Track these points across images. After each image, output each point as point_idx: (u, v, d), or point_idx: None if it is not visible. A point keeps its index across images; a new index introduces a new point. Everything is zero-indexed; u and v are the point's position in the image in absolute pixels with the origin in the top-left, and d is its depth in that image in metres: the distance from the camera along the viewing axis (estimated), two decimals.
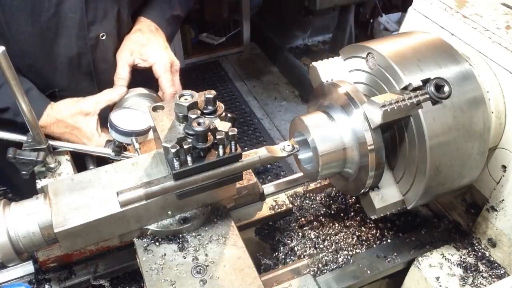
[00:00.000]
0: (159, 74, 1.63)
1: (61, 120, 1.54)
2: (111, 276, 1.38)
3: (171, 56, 1.70)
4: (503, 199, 1.29)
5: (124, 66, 1.66)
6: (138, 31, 1.74)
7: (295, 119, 1.24)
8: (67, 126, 1.55)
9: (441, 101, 1.09)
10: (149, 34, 1.73)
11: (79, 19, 1.57)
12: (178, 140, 1.04)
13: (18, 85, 1.11)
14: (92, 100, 1.58)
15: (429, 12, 1.40)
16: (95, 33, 1.62)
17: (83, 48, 1.64)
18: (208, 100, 1.10)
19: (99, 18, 1.62)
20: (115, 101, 1.59)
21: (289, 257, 1.43)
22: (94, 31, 1.62)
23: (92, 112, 1.56)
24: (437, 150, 1.09)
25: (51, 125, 1.55)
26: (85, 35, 1.60)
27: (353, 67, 1.26)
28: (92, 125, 1.56)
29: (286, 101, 4.78)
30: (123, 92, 1.60)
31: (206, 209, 1.18)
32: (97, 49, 1.67)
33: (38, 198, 1.13)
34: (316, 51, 5.03)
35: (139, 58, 1.66)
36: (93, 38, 1.63)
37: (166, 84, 1.63)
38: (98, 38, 1.64)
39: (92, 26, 1.61)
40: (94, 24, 1.61)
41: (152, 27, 1.78)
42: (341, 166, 1.22)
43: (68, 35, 1.59)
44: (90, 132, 1.55)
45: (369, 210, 1.23)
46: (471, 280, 1.31)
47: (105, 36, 1.65)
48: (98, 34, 1.63)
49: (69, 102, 1.58)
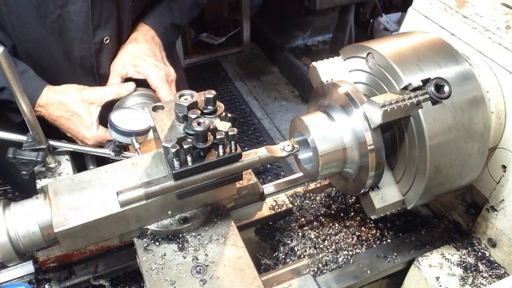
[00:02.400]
0: (155, 85, 1.63)
1: (63, 104, 1.54)
2: (111, 276, 1.39)
3: (166, 67, 1.69)
4: (503, 199, 1.29)
5: (115, 77, 1.67)
6: (133, 41, 1.73)
7: (295, 119, 1.24)
8: (67, 110, 1.55)
9: (441, 101, 1.09)
10: (144, 44, 1.72)
11: (84, 23, 1.57)
12: (178, 140, 1.04)
13: (18, 85, 1.11)
14: (100, 91, 1.58)
15: (429, 12, 1.40)
16: (100, 37, 1.63)
17: (87, 51, 1.64)
18: (208, 100, 1.10)
19: (103, 22, 1.62)
20: (122, 96, 1.59)
21: (289, 257, 1.43)
22: (99, 35, 1.62)
23: (97, 102, 1.56)
24: (437, 150, 1.09)
25: (50, 105, 1.54)
26: (90, 39, 1.60)
27: (353, 67, 1.26)
28: (94, 115, 1.56)
29: (286, 101, 4.78)
30: (132, 88, 1.60)
31: (206, 209, 1.18)
32: (101, 53, 1.67)
33: (38, 198, 1.13)
34: (316, 51, 5.03)
35: (133, 70, 1.66)
36: (98, 42, 1.63)
37: (164, 94, 1.63)
38: (102, 42, 1.64)
39: (97, 30, 1.61)
40: (99, 29, 1.61)
41: (148, 36, 1.77)
42: (341, 166, 1.22)
43: (72, 38, 1.59)
44: (90, 122, 1.56)
45: (369, 210, 1.23)
46: (471, 280, 1.31)
47: (109, 40, 1.65)
48: (102, 38, 1.63)
49: (75, 87, 1.59)
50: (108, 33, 1.64)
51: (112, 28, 1.66)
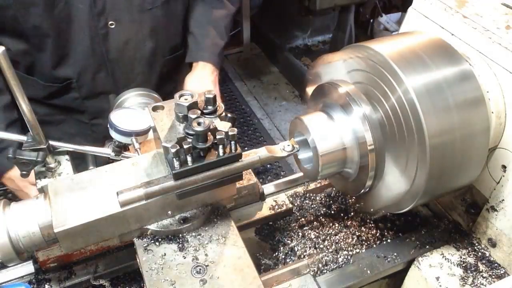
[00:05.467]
0: None
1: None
2: (111, 276, 1.38)
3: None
4: (503, 199, 1.29)
5: None
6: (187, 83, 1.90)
7: (295, 119, 1.24)
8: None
9: None
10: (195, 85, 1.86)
11: (88, 9, 1.65)
12: (178, 140, 1.04)
13: (18, 85, 1.11)
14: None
15: (429, 12, 1.40)
16: (104, 22, 1.70)
17: (95, 37, 1.71)
18: (208, 100, 1.10)
19: (108, 8, 1.68)
20: None
21: (289, 257, 1.43)
22: (103, 20, 1.69)
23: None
24: (437, 150, 1.09)
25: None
26: (96, 25, 1.68)
27: (353, 67, 1.26)
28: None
29: (286, 101, 4.77)
30: None
31: (206, 209, 1.18)
32: (108, 38, 1.74)
33: (38, 198, 1.13)
34: (316, 51, 5.02)
35: None
36: (103, 26, 1.70)
37: None
38: (107, 26, 1.71)
39: (101, 15, 1.68)
40: (103, 14, 1.68)
41: (203, 74, 1.91)
42: (341, 166, 1.22)
43: (80, 25, 1.67)
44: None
45: (367, 207, 1.23)
46: (471, 280, 1.31)
47: (115, 24, 1.69)
48: (106, 22, 1.70)
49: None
50: (114, 17, 1.71)
51: (119, 14, 1.72)
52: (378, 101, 1.15)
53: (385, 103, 1.13)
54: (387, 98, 1.12)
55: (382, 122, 1.15)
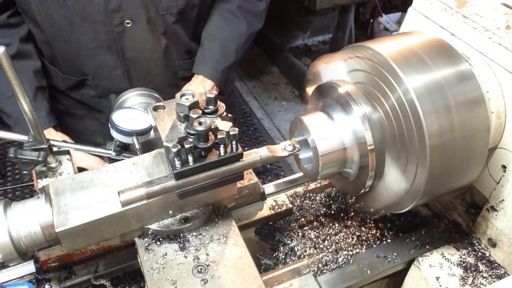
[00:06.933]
0: None
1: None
2: (111, 276, 1.38)
3: None
4: (503, 199, 1.29)
5: None
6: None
7: (295, 119, 1.24)
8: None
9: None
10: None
11: (103, 5, 1.63)
12: (179, 139, 1.04)
13: (19, 85, 1.11)
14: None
15: (429, 12, 1.40)
16: (119, 20, 1.68)
17: (110, 35, 1.70)
18: (209, 100, 1.10)
19: (125, 5, 1.66)
20: None
21: (289, 257, 1.43)
22: (118, 17, 1.67)
23: None
24: (437, 150, 1.09)
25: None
26: (111, 21, 1.67)
27: (353, 67, 1.26)
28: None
29: (286, 101, 4.78)
30: None
31: (207, 209, 1.18)
32: (124, 37, 1.72)
33: (39, 197, 1.13)
34: (316, 51, 5.03)
35: None
36: (118, 24, 1.68)
37: None
38: (123, 25, 1.69)
39: (116, 12, 1.66)
40: (118, 11, 1.66)
41: (201, 87, 1.86)
42: (341, 166, 1.23)
43: (94, 20, 1.66)
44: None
45: (367, 207, 1.23)
46: (471, 280, 1.31)
47: (131, 23, 1.68)
48: (123, 21, 1.68)
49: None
50: (130, 16, 1.69)
51: (136, 12, 1.70)
52: (378, 101, 1.15)
53: (385, 103, 1.13)
54: (387, 98, 1.13)
55: (382, 122, 1.15)
